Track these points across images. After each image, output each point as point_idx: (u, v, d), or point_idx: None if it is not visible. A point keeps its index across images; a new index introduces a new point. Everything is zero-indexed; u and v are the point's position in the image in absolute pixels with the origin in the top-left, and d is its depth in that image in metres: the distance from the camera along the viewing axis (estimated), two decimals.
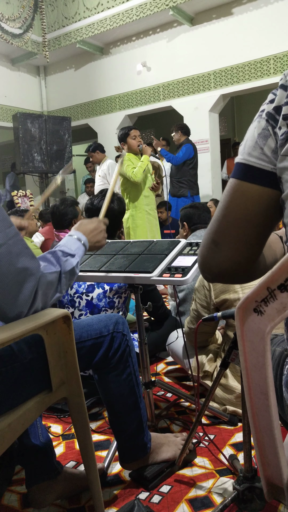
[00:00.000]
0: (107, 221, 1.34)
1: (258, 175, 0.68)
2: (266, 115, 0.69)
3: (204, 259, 0.74)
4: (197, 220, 2.36)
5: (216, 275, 0.74)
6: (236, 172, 0.71)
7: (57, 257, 1.07)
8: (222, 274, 0.73)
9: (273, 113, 0.68)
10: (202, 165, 5.98)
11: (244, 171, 0.70)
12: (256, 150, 0.69)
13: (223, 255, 0.71)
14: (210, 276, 0.75)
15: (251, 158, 0.69)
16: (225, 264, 0.72)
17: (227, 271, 0.72)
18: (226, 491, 1.30)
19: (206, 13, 5.83)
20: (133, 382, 1.30)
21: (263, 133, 0.69)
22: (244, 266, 0.72)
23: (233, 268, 0.72)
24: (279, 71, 5.40)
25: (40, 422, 1.32)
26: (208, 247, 0.73)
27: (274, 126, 0.68)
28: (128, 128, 3.95)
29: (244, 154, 0.70)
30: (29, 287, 0.94)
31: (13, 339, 0.90)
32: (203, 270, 0.75)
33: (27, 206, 6.12)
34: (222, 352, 1.82)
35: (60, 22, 6.66)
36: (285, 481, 0.67)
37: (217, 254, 0.72)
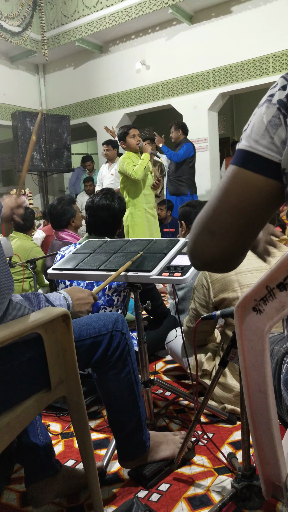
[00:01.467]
0: (97, 298, 1.34)
1: (265, 165, 0.64)
2: (278, 102, 0.64)
3: (195, 246, 0.71)
4: (195, 218, 2.36)
5: (206, 264, 0.71)
6: (240, 159, 0.66)
7: (39, 300, 1.09)
8: (213, 262, 0.70)
9: (286, 102, 0.64)
10: (201, 163, 5.98)
11: (249, 159, 0.65)
12: (265, 138, 0.64)
13: (217, 244, 0.68)
14: (200, 264, 0.72)
15: (258, 147, 0.64)
16: (218, 253, 0.68)
17: (218, 260, 0.69)
18: (225, 489, 1.30)
19: (205, 11, 5.82)
20: (132, 381, 1.31)
21: (274, 120, 0.64)
22: (236, 256, 0.70)
23: (224, 258, 0.69)
24: (278, 69, 5.39)
25: (40, 421, 1.32)
26: (203, 234, 0.70)
27: (286, 115, 0.63)
28: (127, 127, 3.95)
29: (251, 141, 0.65)
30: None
31: (12, 338, 0.90)
32: (194, 257, 0.72)
33: (26, 204, 6.12)
34: (221, 351, 1.82)
35: (59, 20, 6.65)
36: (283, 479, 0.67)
37: (211, 242, 0.68)
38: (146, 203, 4.00)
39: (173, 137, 5.35)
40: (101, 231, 2.05)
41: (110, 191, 2.09)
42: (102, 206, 2.00)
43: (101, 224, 2.03)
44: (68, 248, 2.05)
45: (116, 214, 2.03)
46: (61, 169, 6.77)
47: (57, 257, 2.07)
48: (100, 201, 2.01)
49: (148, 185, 4.02)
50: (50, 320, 1.01)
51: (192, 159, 5.21)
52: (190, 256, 0.73)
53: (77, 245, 2.05)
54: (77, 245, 2.05)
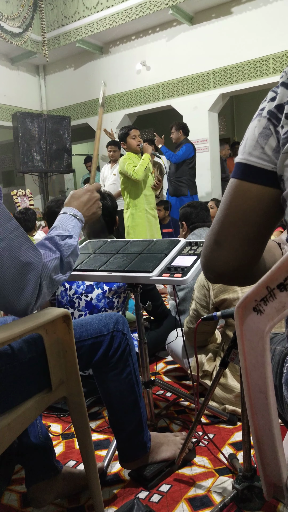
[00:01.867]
0: (99, 185, 1.29)
1: (259, 174, 0.68)
2: (268, 113, 0.68)
3: (206, 259, 0.74)
4: (195, 219, 2.36)
5: (218, 275, 0.74)
6: (237, 172, 0.70)
7: (55, 243, 1.07)
8: (224, 274, 0.73)
9: (275, 112, 0.67)
10: (201, 164, 5.97)
11: (245, 170, 0.69)
12: (256, 150, 0.68)
13: (225, 255, 0.71)
14: (213, 276, 0.75)
15: (251, 158, 0.68)
16: (227, 264, 0.72)
17: (229, 271, 0.72)
18: (226, 490, 1.30)
19: (205, 12, 5.82)
20: (132, 381, 1.30)
21: (264, 132, 0.68)
22: (246, 266, 0.72)
23: (235, 268, 0.72)
24: (279, 70, 5.40)
25: (40, 422, 1.32)
26: (211, 247, 0.73)
27: (276, 125, 0.67)
28: (128, 128, 3.95)
29: (245, 154, 0.69)
30: (33, 278, 0.94)
31: (12, 339, 0.90)
32: (206, 270, 0.76)
33: (27, 205, 6.12)
34: (222, 352, 1.82)
35: (60, 21, 6.66)
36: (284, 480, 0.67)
37: (219, 254, 0.72)
38: (147, 203, 4.00)
39: (173, 138, 5.35)
40: (96, 232, 2.06)
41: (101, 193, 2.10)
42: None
43: (97, 225, 2.04)
44: None
45: (110, 212, 2.06)
46: (61, 170, 6.78)
47: None
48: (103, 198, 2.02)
49: (149, 186, 4.02)
50: (50, 320, 1.01)
51: (192, 160, 5.21)
52: (203, 269, 0.76)
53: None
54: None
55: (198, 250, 1.52)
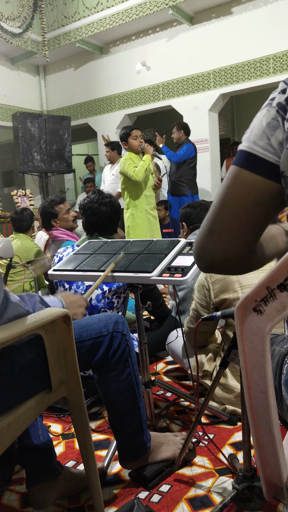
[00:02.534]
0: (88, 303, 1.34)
1: (261, 165, 0.66)
2: (277, 105, 0.66)
3: (198, 247, 0.72)
4: (195, 219, 2.36)
5: (209, 264, 0.72)
6: (239, 160, 0.68)
7: (34, 301, 1.09)
8: (215, 262, 0.71)
9: (284, 104, 0.65)
10: (202, 164, 5.97)
11: (247, 159, 0.67)
12: (262, 140, 0.66)
13: (217, 243, 0.69)
14: (204, 264, 0.73)
15: (256, 147, 0.66)
16: (218, 252, 0.69)
17: (220, 259, 0.70)
18: (226, 490, 1.30)
19: (205, 12, 5.82)
20: (132, 382, 1.30)
21: (272, 123, 0.66)
22: (237, 256, 0.70)
23: (226, 257, 0.70)
24: (279, 70, 5.39)
25: (41, 422, 1.32)
26: (204, 234, 0.71)
27: (284, 118, 0.65)
28: (129, 128, 3.94)
29: (249, 142, 0.67)
30: None
31: (12, 339, 0.90)
32: (197, 258, 0.73)
33: (27, 205, 6.12)
34: (222, 352, 1.82)
35: (60, 22, 6.66)
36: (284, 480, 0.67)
37: (211, 241, 0.70)
38: (147, 204, 3.99)
39: (174, 138, 5.36)
40: (105, 228, 2.06)
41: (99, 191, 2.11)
42: (105, 203, 2.03)
43: (105, 220, 2.04)
44: (66, 250, 2.05)
45: (117, 208, 2.09)
46: (61, 170, 6.78)
47: (54, 259, 2.07)
48: (101, 198, 2.03)
49: (149, 186, 4.02)
50: (50, 321, 1.01)
51: (193, 160, 5.22)
52: (195, 257, 0.74)
53: (75, 246, 2.05)
54: (75, 246, 2.05)
55: None
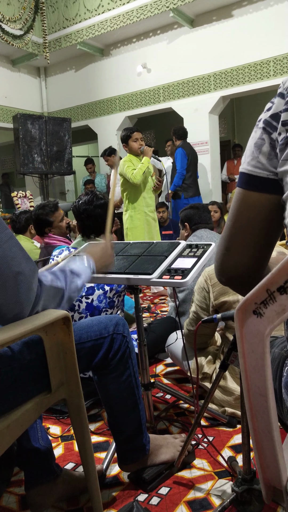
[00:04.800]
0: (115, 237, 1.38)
1: (256, 182, 0.73)
2: (263, 122, 0.72)
3: (218, 264, 0.81)
4: (198, 220, 2.37)
5: (229, 278, 0.80)
6: (239, 181, 0.75)
7: (65, 275, 1.12)
8: (235, 277, 0.79)
9: (269, 120, 0.71)
10: (202, 166, 5.99)
11: (245, 179, 0.74)
12: (253, 160, 0.73)
13: (234, 260, 0.77)
14: (224, 279, 0.81)
15: (249, 167, 0.73)
16: (236, 268, 0.77)
17: (238, 274, 0.78)
18: (225, 493, 1.30)
19: (206, 15, 5.84)
20: (132, 384, 1.30)
21: (258, 142, 0.72)
22: (254, 270, 0.77)
23: (243, 272, 0.77)
24: (279, 73, 5.41)
25: (40, 425, 1.32)
26: (221, 253, 0.79)
27: (270, 133, 0.71)
28: (130, 130, 3.94)
29: (244, 164, 0.74)
30: (25, 287, 0.95)
31: (12, 340, 0.90)
32: (218, 273, 0.82)
33: (27, 207, 6.12)
34: (221, 354, 1.82)
35: (61, 24, 6.67)
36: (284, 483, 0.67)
37: (229, 258, 0.78)
38: (146, 206, 3.99)
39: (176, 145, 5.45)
40: (101, 230, 2.05)
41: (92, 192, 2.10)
42: (100, 205, 2.01)
43: (101, 222, 2.03)
44: (62, 252, 2.04)
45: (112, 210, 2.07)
46: (62, 171, 6.79)
47: (50, 261, 2.06)
48: (95, 200, 2.02)
49: (149, 189, 4.02)
50: (50, 322, 1.01)
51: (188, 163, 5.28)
52: (217, 273, 0.83)
53: (71, 248, 2.05)
54: (71, 248, 2.05)
55: (198, 252, 1.53)
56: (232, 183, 7.11)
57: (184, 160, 5.22)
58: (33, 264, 0.99)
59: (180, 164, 5.19)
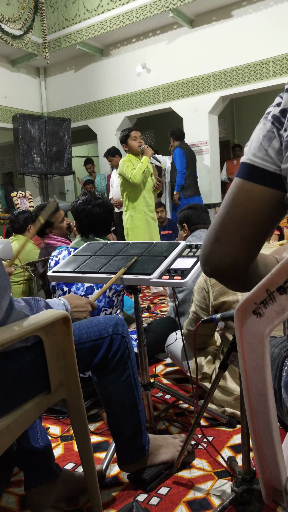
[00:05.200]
0: (95, 306, 1.37)
1: (262, 175, 0.70)
2: (272, 117, 0.70)
3: (205, 252, 0.77)
4: (197, 220, 2.37)
5: (215, 269, 0.76)
6: (241, 172, 0.73)
7: (39, 306, 1.09)
8: (220, 269, 0.75)
9: (279, 116, 0.70)
10: (201, 167, 5.99)
11: (248, 171, 0.71)
12: (260, 151, 0.70)
13: (223, 251, 0.74)
14: (209, 269, 0.77)
15: (255, 159, 0.71)
16: (224, 258, 0.74)
17: (225, 266, 0.75)
18: (225, 493, 1.30)
19: (206, 15, 5.84)
20: (132, 384, 1.30)
21: (268, 135, 0.70)
22: (241, 264, 0.74)
23: (230, 264, 0.74)
24: (279, 73, 5.41)
25: (40, 425, 1.32)
26: (210, 241, 0.76)
27: (279, 128, 0.69)
28: (128, 130, 3.95)
29: (249, 155, 0.72)
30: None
31: (12, 341, 0.90)
32: (204, 263, 0.78)
33: (27, 207, 6.12)
34: (221, 354, 1.82)
35: (60, 24, 6.67)
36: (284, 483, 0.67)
37: (218, 249, 0.74)
38: (146, 206, 3.99)
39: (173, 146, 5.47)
40: (100, 229, 2.06)
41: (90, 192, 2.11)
42: (98, 204, 2.02)
43: (99, 222, 2.04)
44: (61, 252, 2.05)
45: (111, 210, 2.09)
46: (61, 171, 6.78)
47: (50, 262, 2.06)
48: (93, 200, 2.03)
49: (149, 188, 4.02)
50: (50, 322, 1.01)
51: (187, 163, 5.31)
52: (202, 262, 0.79)
53: (70, 248, 2.05)
54: (70, 248, 2.05)
55: (198, 252, 1.53)
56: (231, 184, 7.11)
57: (183, 159, 5.26)
58: (6, 281, 0.97)
59: (179, 163, 5.23)
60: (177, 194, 5.33)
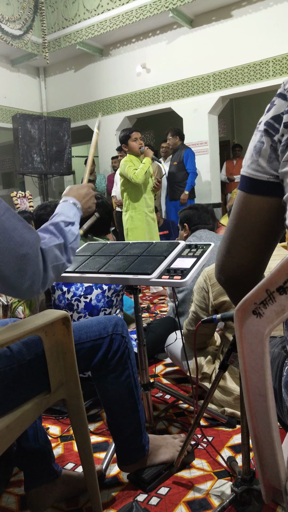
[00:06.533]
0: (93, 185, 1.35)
1: (257, 185, 0.73)
2: (265, 124, 0.71)
3: (218, 263, 0.82)
4: (197, 220, 2.36)
5: (228, 278, 0.81)
6: (240, 184, 0.76)
7: (60, 228, 1.08)
8: (233, 278, 0.80)
9: (271, 122, 0.70)
10: (201, 167, 5.99)
11: (245, 183, 0.74)
12: (253, 163, 0.73)
13: (234, 261, 0.78)
14: (224, 278, 0.82)
15: (249, 170, 0.73)
16: (236, 269, 0.79)
17: (237, 275, 0.79)
18: (224, 493, 1.30)
19: (205, 15, 5.84)
20: (131, 384, 1.30)
21: (258, 145, 0.72)
22: (253, 272, 0.78)
23: (243, 273, 0.79)
24: (278, 73, 5.41)
25: (40, 425, 1.31)
26: (222, 254, 0.81)
27: (273, 135, 0.70)
28: (129, 130, 3.94)
29: (244, 167, 0.75)
30: (32, 258, 0.93)
31: (12, 341, 0.90)
32: (218, 272, 0.83)
33: (26, 207, 6.12)
34: (221, 354, 1.82)
35: (60, 24, 6.67)
36: (283, 483, 0.67)
37: (229, 260, 0.79)
38: (146, 206, 4.00)
39: (170, 144, 5.47)
40: (98, 229, 2.06)
41: None
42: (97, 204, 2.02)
43: (98, 222, 2.04)
44: None
45: (109, 209, 2.10)
46: (61, 171, 6.79)
47: None
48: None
49: (149, 189, 4.03)
50: (50, 322, 1.01)
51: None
52: (216, 272, 0.84)
53: None
54: None
55: (198, 252, 1.53)
56: (231, 183, 7.11)
57: (194, 160, 5.30)
58: (35, 233, 0.97)
59: (192, 164, 5.27)
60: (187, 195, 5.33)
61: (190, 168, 5.30)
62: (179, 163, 5.42)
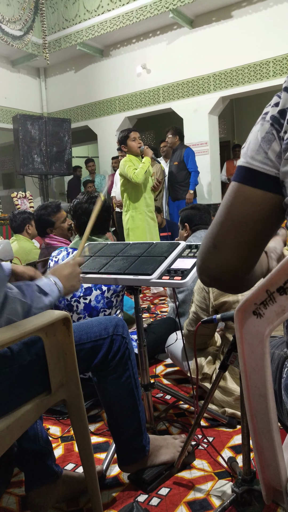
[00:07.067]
0: (83, 260, 1.33)
1: (262, 179, 0.66)
2: (271, 118, 0.67)
3: (202, 262, 0.73)
4: (199, 220, 2.37)
5: (213, 279, 0.73)
6: (239, 176, 0.69)
7: (31, 291, 1.06)
8: (220, 278, 0.72)
9: (277, 117, 0.66)
10: (201, 167, 5.99)
11: (247, 175, 0.67)
12: (260, 154, 0.66)
13: (222, 259, 0.70)
14: (208, 279, 0.74)
15: (254, 162, 0.67)
16: (223, 268, 0.70)
17: (225, 275, 0.71)
18: (225, 494, 1.30)
19: (206, 15, 5.85)
20: (132, 385, 1.30)
21: (267, 136, 0.66)
22: (241, 271, 0.71)
23: (230, 273, 0.71)
24: (279, 73, 5.41)
25: (41, 425, 1.31)
26: (207, 250, 0.72)
27: (278, 130, 0.66)
28: (127, 131, 3.95)
29: (247, 158, 0.68)
30: None
31: (12, 341, 0.90)
32: (201, 273, 0.74)
33: (27, 207, 6.13)
34: (221, 354, 1.82)
35: (61, 24, 6.68)
36: (284, 484, 0.67)
37: (216, 257, 0.71)
38: (147, 206, 3.99)
39: (169, 142, 5.49)
40: (97, 227, 2.06)
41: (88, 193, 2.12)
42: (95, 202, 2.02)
43: (97, 220, 2.04)
44: (60, 253, 2.05)
45: (108, 207, 2.09)
46: (61, 172, 6.79)
47: (50, 262, 2.06)
48: (90, 198, 2.03)
49: (149, 189, 4.03)
50: (50, 323, 1.01)
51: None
52: (198, 272, 0.75)
53: (69, 249, 2.05)
54: (69, 249, 2.05)
55: (198, 252, 1.52)
56: None
57: (194, 158, 5.33)
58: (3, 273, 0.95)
59: (193, 163, 5.30)
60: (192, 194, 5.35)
61: (191, 167, 5.31)
62: (179, 163, 5.43)
